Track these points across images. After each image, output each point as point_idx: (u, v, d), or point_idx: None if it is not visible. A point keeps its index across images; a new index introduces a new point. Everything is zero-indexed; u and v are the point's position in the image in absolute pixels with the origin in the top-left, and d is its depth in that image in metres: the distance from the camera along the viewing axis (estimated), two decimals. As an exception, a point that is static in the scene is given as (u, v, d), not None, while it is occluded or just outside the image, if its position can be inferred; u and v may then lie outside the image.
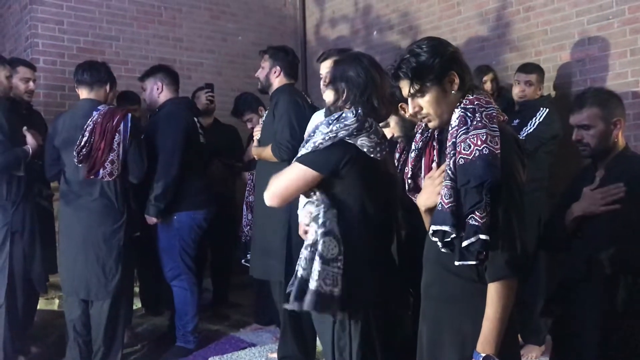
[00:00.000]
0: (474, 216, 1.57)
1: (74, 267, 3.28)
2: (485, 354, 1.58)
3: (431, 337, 1.78)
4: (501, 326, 1.58)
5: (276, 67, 3.35)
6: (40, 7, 4.68)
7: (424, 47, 1.71)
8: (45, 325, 4.05)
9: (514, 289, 1.60)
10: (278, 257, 3.12)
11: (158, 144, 3.59)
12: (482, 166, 1.56)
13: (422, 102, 1.72)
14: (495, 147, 1.59)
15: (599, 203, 2.04)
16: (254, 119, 4.23)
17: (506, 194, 1.60)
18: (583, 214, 2.08)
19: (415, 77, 1.69)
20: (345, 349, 1.95)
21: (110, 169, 3.24)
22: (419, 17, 5.03)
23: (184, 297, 3.68)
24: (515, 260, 1.58)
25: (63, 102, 4.64)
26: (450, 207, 1.61)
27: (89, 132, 3.19)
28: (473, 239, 1.56)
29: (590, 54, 3.88)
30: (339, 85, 2.05)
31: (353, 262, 1.91)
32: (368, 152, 1.97)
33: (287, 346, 3.22)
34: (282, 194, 1.98)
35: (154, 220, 3.60)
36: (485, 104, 1.68)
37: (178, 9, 5.40)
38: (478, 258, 1.59)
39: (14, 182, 3.23)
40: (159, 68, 3.90)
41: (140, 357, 3.72)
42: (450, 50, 1.72)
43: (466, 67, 1.75)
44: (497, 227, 1.58)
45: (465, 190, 1.59)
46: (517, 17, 4.30)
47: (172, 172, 3.54)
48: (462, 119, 1.65)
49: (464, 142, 1.62)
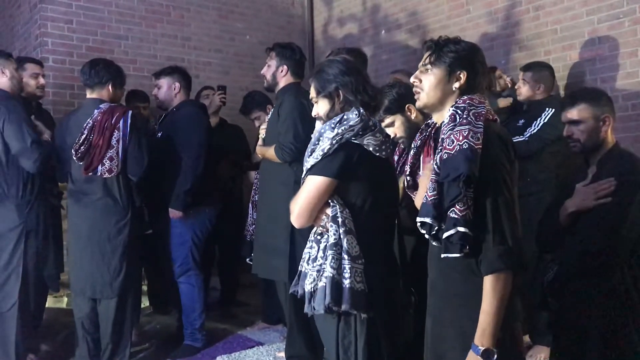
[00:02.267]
0: (455, 209, 1.63)
1: (81, 265, 3.30)
2: (483, 348, 1.61)
3: (435, 331, 1.81)
4: (498, 319, 1.62)
5: (283, 66, 3.35)
6: (49, 6, 4.71)
7: (466, 43, 1.82)
8: (54, 323, 4.08)
9: (508, 282, 1.63)
10: (282, 257, 3.12)
11: (183, 142, 3.65)
12: (460, 160, 1.62)
13: (424, 75, 1.81)
14: (475, 143, 1.64)
15: (591, 198, 2.11)
16: (262, 117, 4.23)
17: (493, 188, 1.65)
18: (576, 209, 2.16)
19: (437, 51, 1.79)
20: (350, 348, 1.95)
21: (109, 166, 3.23)
22: (427, 16, 5.01)
23: (191, 293, 3.70)
24: (508, 254, 1.62)
25: (72, 101, 4.66)
26: (432, 200, 1.68)
27: (87, 130, 3.21)
28: (452, 231, 1.62)
29: (600, 54, 3.85)
30: (330, 90, 2.04)
31: (369, 259, 1.92)
32: (374, 150, 1.97)
33: (294, 345, 3.22)
34: (306, 212, 1.96)
35: (179, 214, 3.63)
36: (477, 104, 1.75)
37: (186, 8, 5.41)
38: (462, 251, 1.63)
39: (28, 182, 3.25)
40: (177, 69, 3.94)
41: (148, 355, 3.73)
42: (478, 59, 1.81)
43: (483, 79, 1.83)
44: (485, 221, 1.63)
45: (448, 184, 1.65)
46: (527, 16, 4.28)
47: (199, 168, 3.63)
48: (452, 116, 1.73)
49: (449, 138, 1.69)
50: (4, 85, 3.28)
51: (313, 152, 1.97)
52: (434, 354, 1.81)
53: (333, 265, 1.87)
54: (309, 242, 2.04)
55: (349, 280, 1.86)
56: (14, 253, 3.21)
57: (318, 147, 1.95)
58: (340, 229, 1.89)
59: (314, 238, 2.01)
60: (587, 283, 2.11)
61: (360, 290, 1.87)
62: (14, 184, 3.21)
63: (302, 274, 2.01)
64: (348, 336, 1.94)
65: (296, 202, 1.98)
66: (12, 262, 3.21)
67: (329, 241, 1.90)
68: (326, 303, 1.85)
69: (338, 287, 1.86)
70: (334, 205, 1.92)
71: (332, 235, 1.90)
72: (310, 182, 1.95)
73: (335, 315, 1.93)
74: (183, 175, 3.61)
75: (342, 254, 1.88)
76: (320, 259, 1.93)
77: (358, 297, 1.86)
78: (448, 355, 1.76)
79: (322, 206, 1.95)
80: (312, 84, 2.11)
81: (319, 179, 1.93)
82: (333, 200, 1.94)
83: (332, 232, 1.90)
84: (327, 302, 1.85)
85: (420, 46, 4.95)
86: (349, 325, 1.94)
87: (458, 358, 1.68)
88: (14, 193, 3.22)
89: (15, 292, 3.20)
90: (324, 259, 1.91)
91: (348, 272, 1.86)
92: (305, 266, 2.01)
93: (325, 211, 1.95)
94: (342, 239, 1.89)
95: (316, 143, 1.97)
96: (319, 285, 1.90)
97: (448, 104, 1.79)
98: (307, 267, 1.98)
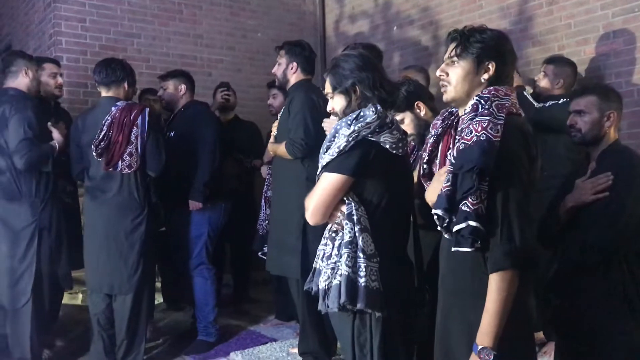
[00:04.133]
0: (467, 202, 1.59)
1: (98, 262, 3.34)
2: (482, 346, 1.58)
3: (443, 326, 1.80)
4: (500, 319, 1.58)
5: (293, 63, 3.35)
6: (63, 6, 4.75)
7: (492, 31, 1.76)
8: (69, 320, 4.12)
9: (514, 281, 1.59)
10: (294, 254, 3.12)
11: (197, 138, 3.74)
12: (476, 152, 1.58)
13: (451, 68, 1.76)
14: (494, 135, 1.60)
15: (589, 192, 2.13)
16: (279, 97, 4.21)
17: (506, 183, 1.60)
18: (575, 204, 2.17)
19: (463, 42, 1.74)
20: (365, 345, 1.93)
21: (129, 162, 3.28)
22: (439, 11, 4.98)
23: (204, 286, 3.76)
24: (514, 252, 1.58)
25: (86, 99, 4.70)
26: (446, 191, 1.64)
27: (107, 127, 3.25)
28: (463, 224, 1.59)
29: (615, 48, 3.81)
30: (347, 85, 2.01)
31: (384, 258, 1.91)
32: (390, 148, 1.95)
33: (307, 342, 3.23)
34: (321, 209, 1.94)
35: (199, 205, 3.72)
36: (502, 95, 1.70)
37: (198, 6, 5.43)
38: (473, 245, 1.59)
39: (42, 180, 3.29)
40: (182, 72, 4.03)
41: (162, 351, 3.76)
42: (507, 48, 1.75)
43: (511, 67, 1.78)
44: (494, 217, 1.59)
45: (462, 175, 1.61)
46: (540, 11, 4.24)
47: (215, 161, 3.77)
48: (474, 106, 1.69)
49: (467, 128, 1.65)
50: (23, 86, 3.33)
51: (328, 148, 1.95)
52: (442, 349, 1.81)
53: (348, 264, 1.85)
54: (323, 239, 2.03)
55: (364, 279, 1.84)
56: (27, 250, 3.25)
57: (334, 144, 1.93)
58: (355, 226, 1.88)
59: (328, 235, 2.00)
60: (586, 278, 2.11)
61: (376, 289, 1.86)
62: (27, 182, 3.25)
63: (317, 271, 2.01)
64: (364, 334, 1.93)
65: (311, 199, 1.97)
66: (25, 260, 3.25)
67: (344, 239, 1.89)
68: (341, 301, 1.84)
69: (353, 285, 1.84)
70: (350, 202, 1.91)
71: (348, 233, 1.88)
72: (325, 179, 1.93)
73: (350, 313, 1.92)
74: (201, 169, 3.72)
75: (358, 252, 1.86)
76: (335, 257, 1.91)
77: (373, 295, 1.85)
78: (454, 350, 1.74)
79: (337, 203, 1.94)
80: (327, 79, 2.07)
81: (334, 176, 1.91)
82: (348, 197, 1.92)
83: (348, 229, 1.88)
84: (342, 300, 1.84)
85: (432, 42, 4.96)
86: (365, 323, 1.93)
87: (464, 353, 1.67)
88: (28, 191, 3.25)
89: (28, 288, 3.24)
90: (338, 256, 1.90)
91: (363, 271, 1.85)
92: (319, 263, 2.00)
93: (340, 208, 1.93)
94: (357, 237, 1.87)
95: (332, 140, 1.95)
96: (333, 283, 1.88)
97: (475, 95, 1.73)
98: (322, 264, 1.98)
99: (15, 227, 3.25)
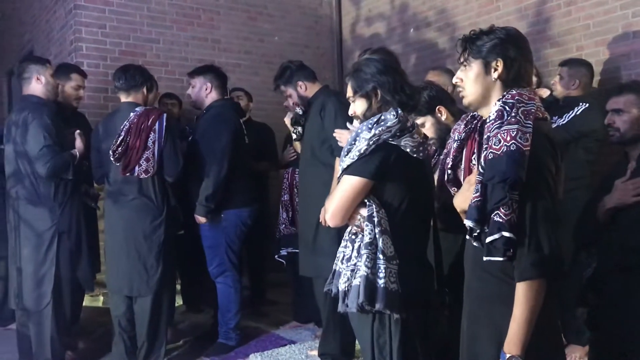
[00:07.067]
0: (499, 212, 1.57)
1: (118, 264, 3.39)
2: (509, 355, 1.58)
3: (470, 332, 1.79)
4: (528, 327, 1.58)
5: (300, 82, 3.50)
6: (84, 12, 4.82)
7: (500, 30, 1.75)
8: (90, 322, 4.17)
9: (541, 291, 1.58)
10: (329, 254, 3.12)
11: (207, 146, 3.67)
12: (507, 163, 1.56)
13: (464, 74, 1.78)
14: (524, 144, 1.58)
15: (630, 194, 2.10)
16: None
17: (534, 192, 1.59)
18: (615, 205, 2.14)
19: (469, 45, 1.75)
20: (385, 347, 1.95)
21: (146, 167, 3.32)
22: (456, 13, 4.98)
23: (227, 294, 3.75)
24: (542, 261, 1.57)
25: (106, 104, 4.76)
26: (476, 202, 1.63)
27: (124, 132, 3.30)
28: (496, 235, 1.58)
29: (635, 48, 3.77)
30: (368, 89, 2.03)
31: (403, 260, 1.92)
32: (411, 152, 1.96)
33: (328, 343, 3.25)
34: (341, 211, 1.96)
35: (203, 220, 3.66)
36: (526, 100, 1.67)
37: (216, 11, 5.48)
38: (505, 255, 1.59)
39: (61, 184, 3.33)
40: (210, 68, 3.94)
41: (182, 353, 3.79)
42: (514, 43, 1.72)
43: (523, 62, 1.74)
44: (522, 226, 1.58)
45: (492, 186, 1.59)
46: (558, 12, 4.22)
47: (221, 173, 3.61)
48: (499, 112, 1.66)
49: (495, 137, 1.62)
50: (38, 92, 3.36)
51: (349, 152, 1.97)
52: (469, 355, 1.80)
53: (368, 265, 1.87)
54: (343, 241, 2.05)
55: (383, 280, 1.86)
56: (47, 254, 3.29)
57: (354, 147, 1.95)
58: (375, 228, 1.90)
59: (348, 237, 2.02)
60: (627, 278, 2.08)
61: (394, 290, 1.87)
62: (46, 187, 3.29)
63: (337, 273, 2.03)
64: (383, 336, 1.94)
65: (331, 201, 1.99)
66: (45, 263, 3.29)
67: (363, 240, 1.91)
68: (360, 302, 1.86)
69: (372, 286, 1.86)
70: (370, 205, 1.93)
71: (368, 234, 1.90)
72: (346, 181, 1.95)
73: (369, 314, 1.93)
74: (206, 181, 3.62)
75: (377, 254, 1.88)
76: (355, 258, 1.93)
77: (392, 297, 1.86)
78: (482, 356, 1.74)
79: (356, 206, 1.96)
80: (349, 83, 2.10)
81: (354, 179, 1.93)
82: (369, 200, 1.94)
83: (368, 231, 1.90)
84: (360, 300, 1.85)
85: (449, 44, 4.95)
86: (384, 325, 1.94)
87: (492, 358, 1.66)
88: (47, 195, 3.29)
89: (49, 291, 3.28)
90: (358, 258, 1.92)
91: (383, 272, 1.87)
92: (339, 265, 2.02)
93: (359, 211, 1.95)
94: (377, 239, 1.89)
95: (352, 143, 1.97)
96: (353, 284, 1.90)
97: (493, 97, 1.73)
98: (342, 266, 2.00)
99: (34, 231, 3.30)
